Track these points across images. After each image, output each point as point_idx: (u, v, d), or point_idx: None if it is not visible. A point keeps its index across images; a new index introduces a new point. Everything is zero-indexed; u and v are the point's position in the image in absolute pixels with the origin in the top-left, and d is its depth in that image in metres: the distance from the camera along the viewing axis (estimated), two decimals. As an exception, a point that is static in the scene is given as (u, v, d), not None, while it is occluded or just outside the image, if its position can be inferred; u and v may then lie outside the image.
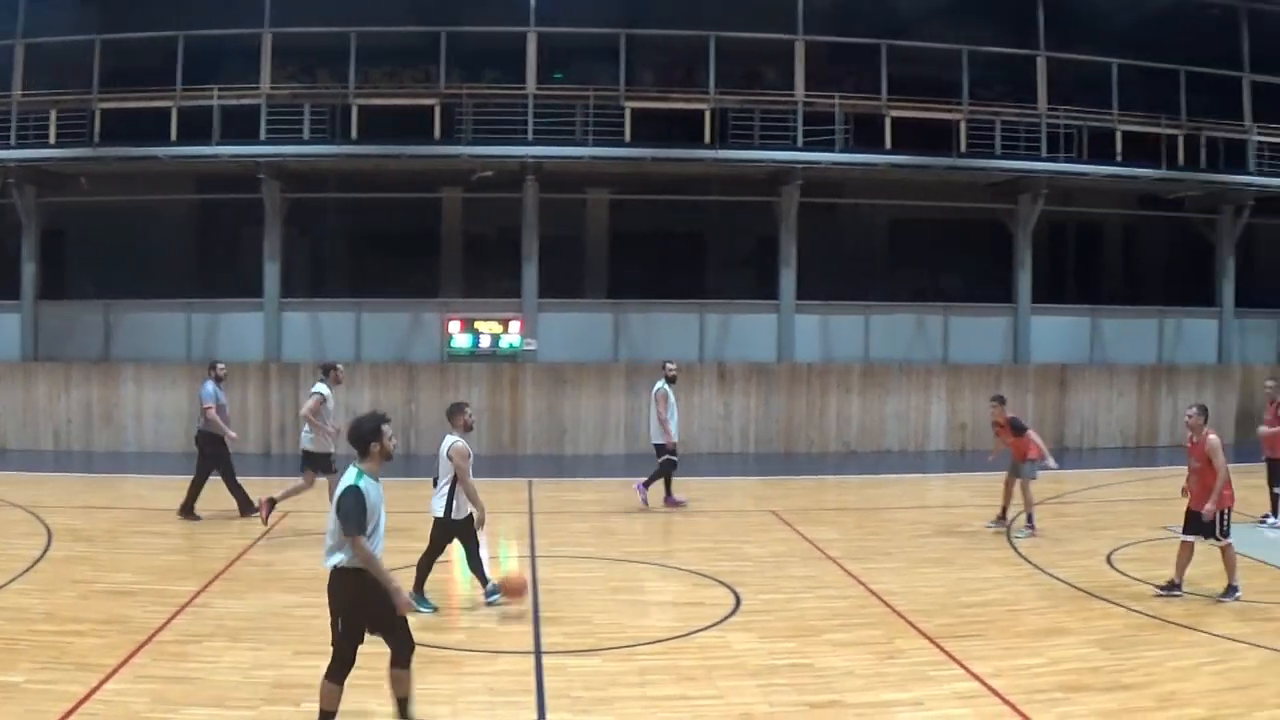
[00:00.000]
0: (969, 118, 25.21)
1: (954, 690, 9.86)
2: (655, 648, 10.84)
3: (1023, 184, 26.26)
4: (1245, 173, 27.10)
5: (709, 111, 24.18)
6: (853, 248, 29.32)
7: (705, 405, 24.79)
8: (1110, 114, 26.19)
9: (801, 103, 24.56)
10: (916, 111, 25.19)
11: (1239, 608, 12.58)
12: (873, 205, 28.58)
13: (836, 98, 24.67)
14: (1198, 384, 27.49)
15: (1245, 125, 27.14)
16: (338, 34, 23.92)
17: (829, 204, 27.85)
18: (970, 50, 25.72)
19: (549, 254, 25.46)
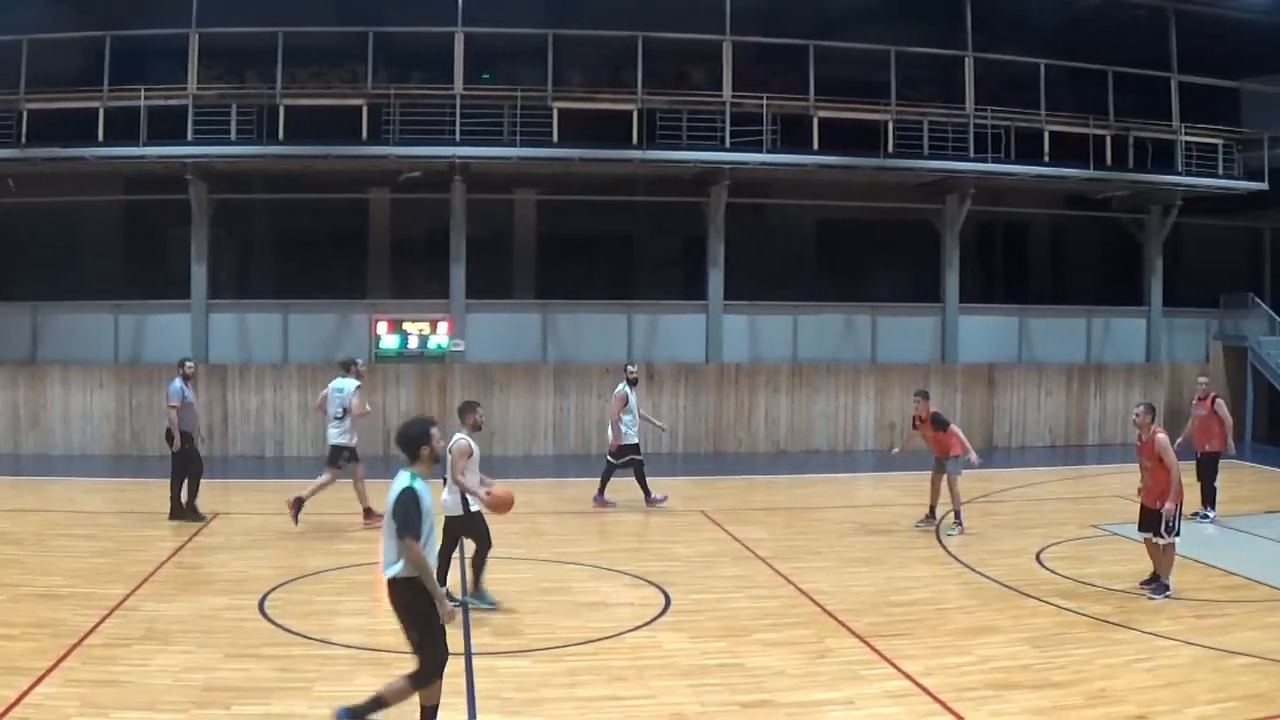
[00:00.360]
0: (897, 118, 26.41)
1: (885, 689, 10.30)
2: (585, 648, 11.24)
3: (950, 184, 27.53)
4: (1173, 172, 28.52)
5: (636, 112, 25.07)
6: (781, 248, 30.37)
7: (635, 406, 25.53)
8: (1038, 114, 27.42)
9: (729, 103, 25.54)
10: (844, 112, 26.23)
11: (1169, 605, 13.24)
12: (800, 206, 29.72)
13: (764, 98, 25.66)
14: (1126, 383, 29.06)
15: (1173, 125, 28.55)
16: (265, 34, 24.45)
17: (757, 204, 28.89)
18: (898, 51, 26.80)
19: (477, 255, 26.22)
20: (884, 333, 28.22)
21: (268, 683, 9.89)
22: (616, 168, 26.23)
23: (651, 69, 25.84)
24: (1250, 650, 11.51)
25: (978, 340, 28.66)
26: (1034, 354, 29.26)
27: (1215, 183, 29.07)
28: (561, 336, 26.45)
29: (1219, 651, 11.51)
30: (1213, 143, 29.02)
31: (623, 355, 26.11)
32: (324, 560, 14.69)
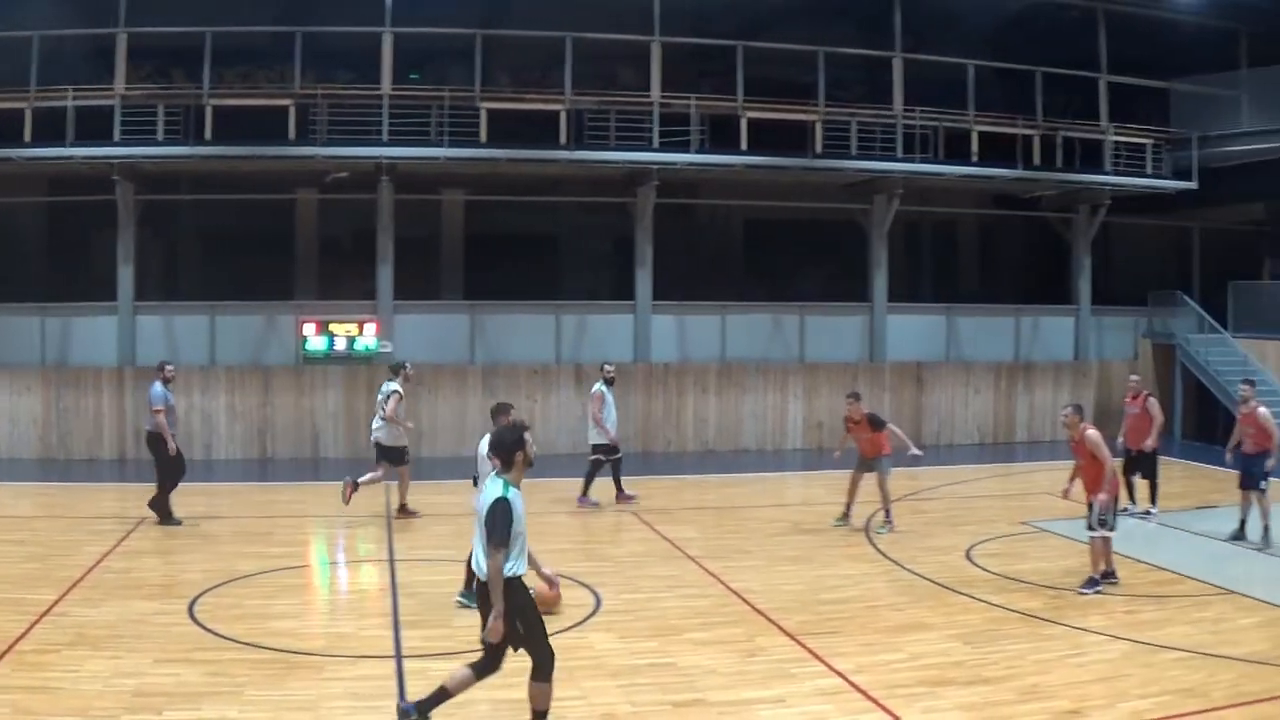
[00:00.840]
0: (825, 119, 27.90)
1: (816, 687, 10.84)
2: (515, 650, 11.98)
3: (878, 184, 29.24)
4: (1101, 172, 30.45)
5: (565, 112, 26.34)
6: (709, 248, 32.01)
7: (563, 407, 27.05)
8: (966, 115, 29.18)
9: (658, 104, 26.88)
10: (772, 112, 27.68)
11: (1101, 600, 14.00)
12: (729, 206, 31.39)
13: (692, 99, 27.03)
14: (1055, 381, 31.05)
15: (1102, 125, 30.49)
16: (193, 34, 25.31)
17: (685, 204, 30.45)
18: (826, 52, 28.27)
19: (404, 255, 27.30)
20: (812, 332, 29.80)
21: (199, 688, 10.28)
22: (544, 168, 27.46)
23: (580, 70, 26.99)
24: (1181, 645, 12.24)
25: (906, 339, 30.37)
26: (962, 353, 31.09)
27: (1143, 182, 31.01)
28: (489, 337, 27.63)
29: (1150, 646, 12.21)
30: (1141, 142, 30.91)
31: (551, 356, 27.69)
32: (252, 564, 15.33)
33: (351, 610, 13.99)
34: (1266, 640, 12.57)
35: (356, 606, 14.30)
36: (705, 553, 16.37)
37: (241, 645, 11.61)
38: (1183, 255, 35.73)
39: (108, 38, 25.37)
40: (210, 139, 25.10)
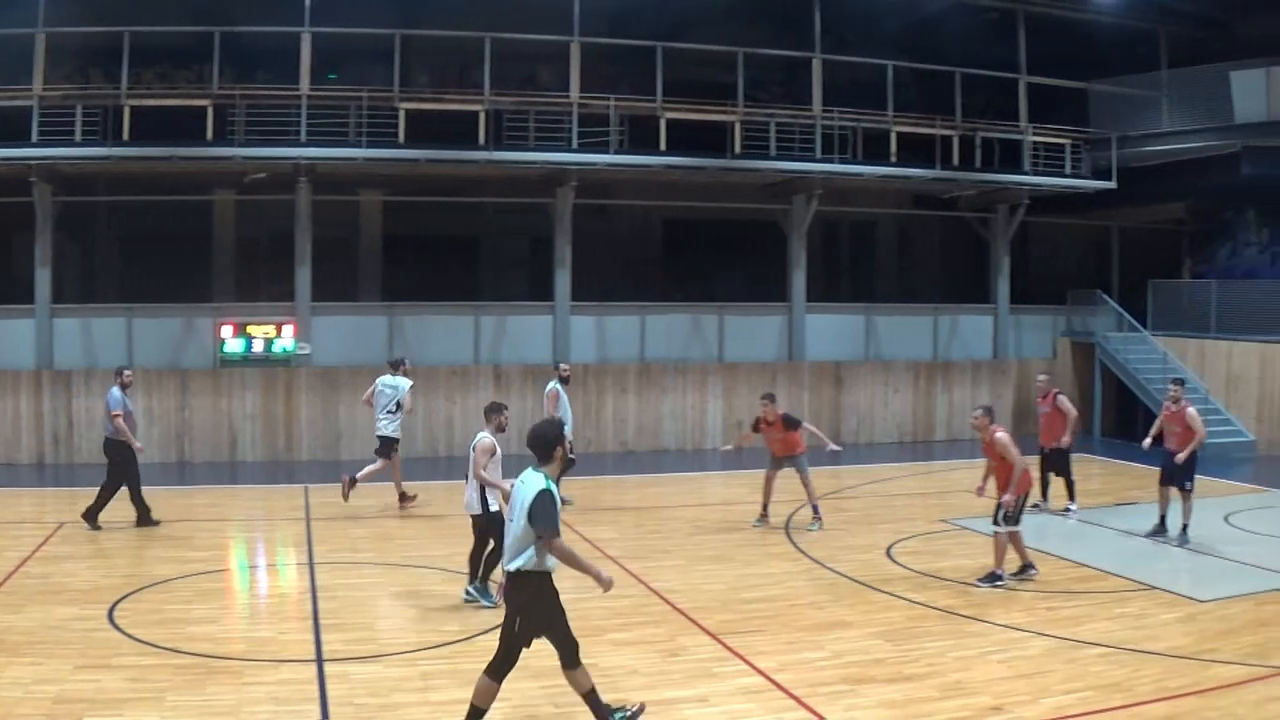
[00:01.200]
0: (744, 119, 29.15)
1: (739, 686, 11.32)
2: (437, 652, 12.23)
3: (797, 184, 30.76)
4: (1020, 172, 32.16)
5: (484, 113, 27.20)
6: (628, 249, 33.48)
7: (481, 408, 27.58)
8: (885, 115, 30.69)
9: (576, 104, 27.86)
10: (691, 113, 28.90)
11: (1021, 597, 14.76)
12: (647, 206, 32.83)
13: (611, 99, 28.13)
14: (973, 379, 32.88)
15: (1021, 126, 32.20)
16: (111, 34, 25.83)
17: (604, 205, 31.88)
18: (745, 53, 29.52)
19: (322, 257, 28.11)
20: (731, 332, 31.27)
21: (119, 694, 10.60)
22: (463, 169, 28.34)
23: (499, 70, 27.86)
24: (1103, 640, 12.89)
25: (825, 339, 31.98)
26: (881, 352, 32.79)
27: (1062, 182, 32.82)
28: (408, 339, 28.44)
29: (1072, 642, 12.83)
30: (1060, 142, 32.70)
31: (470, 357, 28.87)
32: (171, 568, 15.81)
33: (271, 614, 14.44)
34: (1188, 635, 13.31)
35: (276, 610, 14.72)
36: (625, 553, 16.96)
37: (162, 650, 11.96)
38: (1102, 254, 37.71)
39: (26, 38, 25.71)
40: (128, 140, 25.64)
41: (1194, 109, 32.82)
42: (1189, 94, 33.02)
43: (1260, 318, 31.78)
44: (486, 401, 26.38)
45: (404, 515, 20.41)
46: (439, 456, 27.78)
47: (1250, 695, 11.24)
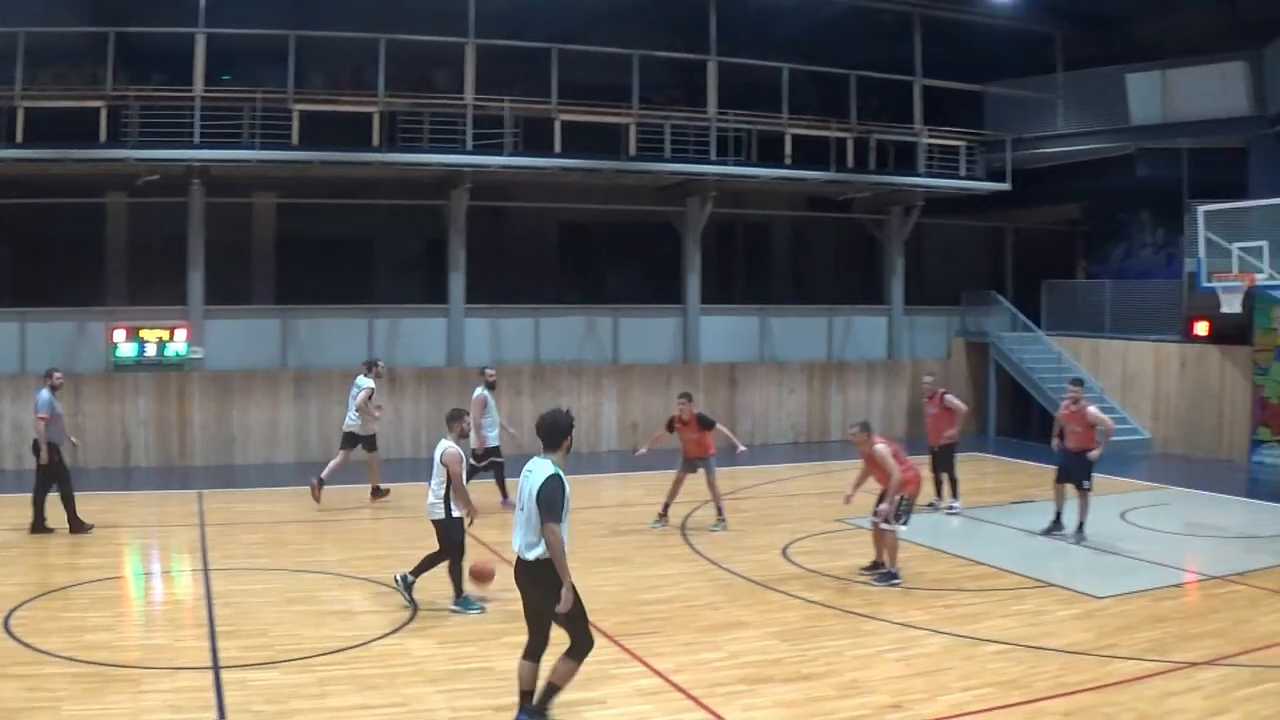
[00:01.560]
0: (639, 121, 30.56)
1: (637, 687, 11.72)
2: (334, 657, 12.53)
3: (692, 186, 32.35)
4: (915, 174, 34.06)
5: (378, 114, 28.08)
6: (523, 250, 34.90)
7: None
8: (780, 118, 32.34)
9: (471, 106, 28.84)
10: (587, 115, 30.12)
11: (919, 595, 15.43)
12: (542, 208, 34.18)
13: (506, 101, 29.13)
14: (868, 380, 34.89)
15: (915, 128, 34.13)
16: (5, 35, 26.00)
17: (499, 207, 33.19)
18: (641, 55, 30.70)
19: (216, 259, 28.75)
20: (626, 334, 32.76)
21: (16, 703, 10.82)
22: (357, 170, 29.15)
23: (394, 71, 28.78)
24: (1000, 638, 13.54)
25: (719, 340, 33.64)
26: (775, 353, 34.59)
27: (956, 184, 34.83)
28: (302, 342, 29.51)
29: (970, 640, 13.45)
30: (955, 144, 34.70)
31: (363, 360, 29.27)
32: (67, 575, 16.31)
33: (167, 621, 14.69)
34: (1085, 631, 14.00)
35: (172, 618, 14.92)
36: None
37: (58, 659, 12.26)
38: (997, 255, 40.11)
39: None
40: (21, 141, 26.14)
41: (1089, 111, 34.66)
42: (1084, 96, 34.84)
43: (1155, 317, 33.69)
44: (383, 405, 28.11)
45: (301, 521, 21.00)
46: None
47: (1149, 690, 11.88)
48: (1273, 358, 29.43)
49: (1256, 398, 29.80)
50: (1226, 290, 27.13)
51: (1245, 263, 26.42)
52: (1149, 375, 32.99)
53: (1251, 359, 30.04)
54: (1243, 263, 26.50)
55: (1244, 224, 26.94)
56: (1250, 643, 13.61)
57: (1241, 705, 11.45)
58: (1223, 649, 13.33)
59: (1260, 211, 26.89)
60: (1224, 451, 30.65)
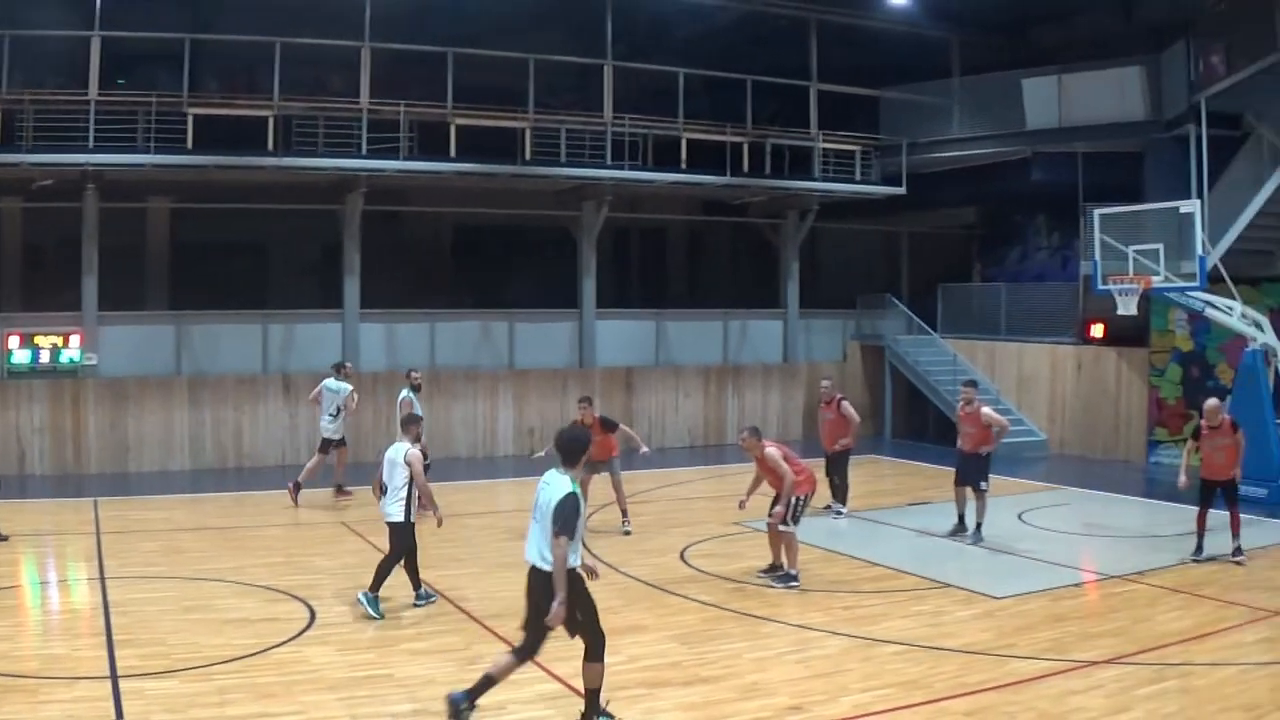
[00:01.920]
0: (535, 126, 31.76)
1: (537, 692, 11.99)
2: (232, 666, 12.81)
3: (588, 191, 33.94)
4: (810, 178, 35.92)
5: (273, 118, 28.92)
6: (418, 255, 36.39)
7: (271, 418, 30.29)
8: (676, 122, 33.90)
9: (366, 110, 29.83)
10: (482, 119, 31.30)
11: (817, 597, 16.06)
12: (438, 213, 35.66)
13: (402, 105, 30.15)
14: (764, 383, 36.87)
15: (811, 133, 36.00)
16: None
17: (394, 212, 34.37)
18: (537, 59, 31.94)
19: (109, 265, 29.40)
20: (521, 339, 34.23)
21: None
22: (252, 175, 29.81)
23: (289, 75, 29.44)
24: (899, 638, 14.08)
25: (616, 344, 35.31)
26: (671, 357, 36.41)
27: (852, 188, 36.80)
28: (196, 348, 30.35)
29: (868, 641, 13.99)
30: (850, 149, 36.62)
31: (258, 366, 31.06)
32: None
33: (64, 631, 14.91)
34: (984, 631, 14.63)
35: (69, 627, 15.15)
36: (421, 562, 16.89)
37: None
38: (892, 259, 42.21)
39: None
40: None
41: (985, 116, 36.60)
42: (981, 101, 36.77)
43: (1051, 320, 35.78)
44: (276, 411, 29.59)
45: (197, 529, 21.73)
46: (228, 467, 29.70)
47: (1049, 689, 12.42)
48: (1169, 359, 31.61)
49: (1153, 399, 31.91)
50: (1122, 293, 28.24)
51: (1141, 265, 27.65)
52: (1045, 377, 35.01)
53: (1148, 360, 32.12)
54: (1138, 265, 27.71)
55: (1139, 227, 28.19)
56: (1150, 641, 14.34)
57: (1142, 703, 12.06)
58: (1122, 648, 14.03)
59: (1155, 215, 28.22)
60: (1121, 452, 32.64)
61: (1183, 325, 31.27)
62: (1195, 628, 14.80)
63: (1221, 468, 19.32)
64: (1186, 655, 13.64)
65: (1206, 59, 29.20)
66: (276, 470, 29.10)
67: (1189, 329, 31.18)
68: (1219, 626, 15.11)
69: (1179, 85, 31.01)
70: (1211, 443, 19.42)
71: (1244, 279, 28.51)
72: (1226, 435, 19.33)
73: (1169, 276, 27.21)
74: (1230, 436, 19.32)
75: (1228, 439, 19.30)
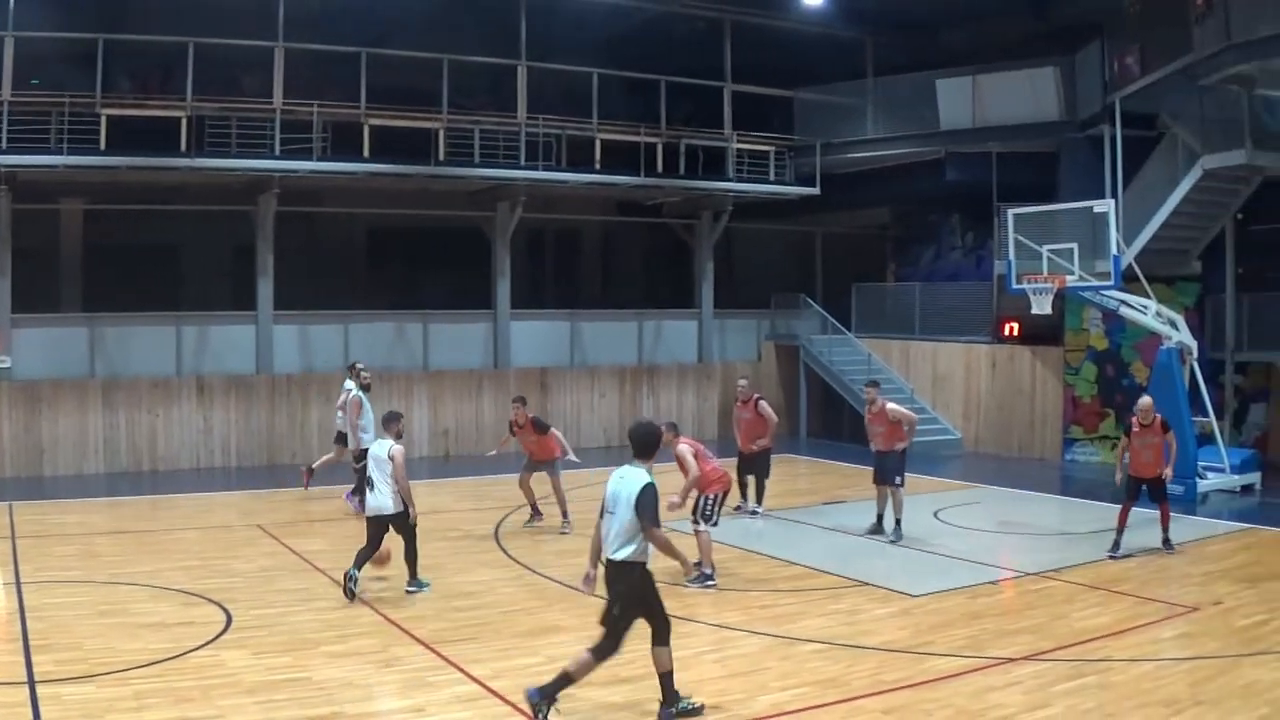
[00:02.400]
0: (449, 126, 32.51)
1: (455, 694, 12.26)
2: (149, 670, 12.90)
3: (502, 192, 34.92)
4: (724, 179, 37.16)
5: (186, 119, 29.25)
6: (332, 257, 37.14)
7: (185, 421, 30.90)
8: (590, 123, 34.95)
9: (280, 110, 30.38)
10: (396, 120, 31.99)
11: (735, 596, 16.46)
12: (351, 214, 36.39)
13: (315, 105, 30.71)
14: (679, 383, 38.16)
15: (725, 133, 37.24)
16: None
17: (307, 213, 35.11)
18: (451, 60, 32.62)
19: (22, 267, 29.90)
20: (436, 340, 35.16)
21: None
22: (166, 176, 30.31)
23: (203, 75, 29.86)
24: (817, 637, 14.39)
25: (531, 345, 36.42)
26: (587, 357, 37.57)
27: (766, 188, 38.08)
28: (110, 350, 30.88)
29: (787, 639, 14.28)
30: (765, 150, 37.89)
31: (172, 369, 31.65)
32: None
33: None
34: (901, 629, 15.02)
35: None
36: (335, 565, 17.76)
37: None
38: (806, 259, 43.60)
39: None
40: None
41: (900, 116, 37.95)
42: (895, 101, 38.12)
43: (965, 319, 37.13)
44: (190, 414, 30.39)
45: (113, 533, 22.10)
46: (143, 471, 30.27)
47: (967, 686, 12.71)
48: (1084, 358, 32.96)
49: (1068, 397, 33.28)
50: (1036, 292, 29.02)
51: (1055, 265, 28.49)
52: (960, 376, 36.36)
53: (1063, 359, 33.42)
54: (1052, 265, 28.55)
55: (1054, 227, 29.02)
56: (1067, 638, 14.72)
57: (1061, 699, 12.37)
58: (1040, 644, 14.40)
59: (1070, 214, 29.13)
60: (1036, 450, 33.96)
61: (1097, 324, 32.56)
62: (1113, 624, 15.19)
63: (1147, 465, 20.03)
64: (1104, 651, 14.01)
65: (1121, 60, 30.40)
66: (191, 473, 29.95)
67: (1103, 328, 32.46)
68: (1136, 623, 15.60)
69: (1093, 86, 32.42)
70: (1141, 440, 20.06)
71: (1159, 278, 29.92)
72: (1156, 434, 20.00)
73: (1083, 276, 27.99)
74: (1160, 435, 20.01)
75: (1157, 438, 19.99)
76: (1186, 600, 16.92)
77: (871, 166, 39.07)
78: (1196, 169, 29.17)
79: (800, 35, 37.21)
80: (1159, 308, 28.33)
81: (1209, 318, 32.00)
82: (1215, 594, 17.33)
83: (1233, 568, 19.41)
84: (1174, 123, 30.70)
